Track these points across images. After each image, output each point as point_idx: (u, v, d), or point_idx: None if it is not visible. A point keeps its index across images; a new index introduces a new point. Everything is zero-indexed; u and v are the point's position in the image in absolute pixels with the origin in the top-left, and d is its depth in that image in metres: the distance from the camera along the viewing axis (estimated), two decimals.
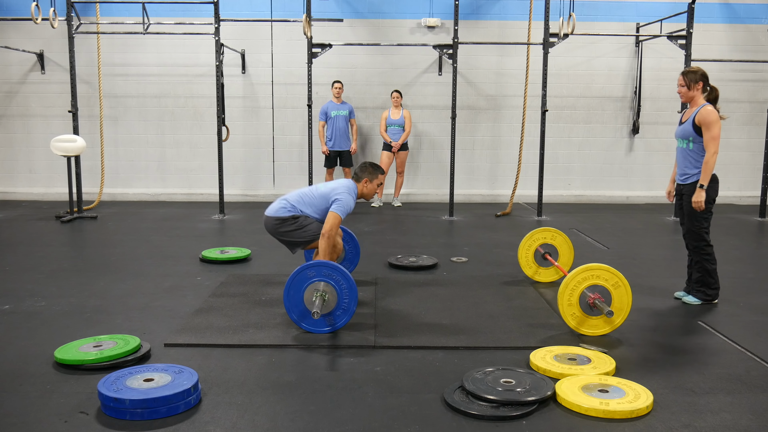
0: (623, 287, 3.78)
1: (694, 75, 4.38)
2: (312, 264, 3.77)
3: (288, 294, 3.77)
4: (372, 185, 4.55)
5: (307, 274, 3.75)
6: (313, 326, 3.78)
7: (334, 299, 3.75)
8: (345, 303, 3.76)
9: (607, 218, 8.30)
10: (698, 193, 4.30)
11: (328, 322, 3.77)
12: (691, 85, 4.39)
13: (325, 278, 3.74)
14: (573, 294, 3.77)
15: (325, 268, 3.76)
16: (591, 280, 3.78)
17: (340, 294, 3.75)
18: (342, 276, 3.75)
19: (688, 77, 4.40)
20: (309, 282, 3.74)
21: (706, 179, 4.29)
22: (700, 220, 4.37)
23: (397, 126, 8.86)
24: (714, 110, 4.29)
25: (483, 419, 2.76)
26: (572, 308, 3.79)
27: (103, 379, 2.91)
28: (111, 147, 9.42)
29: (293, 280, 3.75)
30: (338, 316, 3.78)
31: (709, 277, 4.43)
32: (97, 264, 5.66)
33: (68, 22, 7.83)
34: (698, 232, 4.39)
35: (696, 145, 4.33)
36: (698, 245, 4.41)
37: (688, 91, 4.40)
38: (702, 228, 4.38)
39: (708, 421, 2.78)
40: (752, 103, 9.51)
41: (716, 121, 4.25)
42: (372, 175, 4.54)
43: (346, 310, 3.77)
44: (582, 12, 8.72)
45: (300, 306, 3.76)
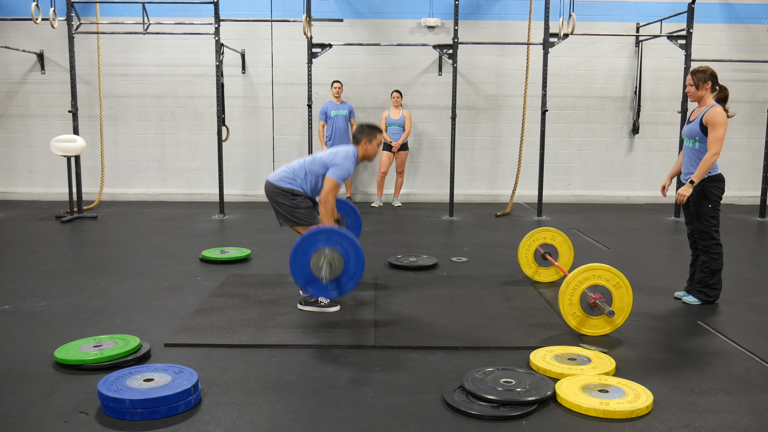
0: (624, 287, 3.78)
1: (702, 74, 4.35)
2: (319, 230, 3.74)
3: (294, 258, 3.72)
4: (372, 146, 4.37)
5: (314, 238, 3.71)
6: (319, 291, 3.76)
7: (341, 265, 3.72)
8: (352, 269, 3.73)
9: (607, 218, 8.30)
10: (686, 188, 4.31)
11: (335, 286, 3.74)
12: (700, 84, 4.36)
13: (332, 244, 3.71)
14: (574, 294, 3.78)
15: (332, 234, 3.73)
16: (592, 280, 3.78)
17: (347, 260, 3.72)
18: (349, 242, 3.71)
19: (696, 76, 4.37)
20: (316, 247, 3.71)
21: (699, 177, 4.29)
22: (708, 219, 4.37)
23: (397, 126, 8.86)
24: (722, 112, 4.27)
25: (483, 419, 2.76)
26: (573, 308, 3.79)
27: (103, 379, 2.91)
28: (111, 147, 9.42)
29: (300, 244, 3.70)
30: (345, 282, 3.75)
31: (711, 278, 4.43)
32: (97, 264, 5.66)
33: (68, 22, 7.83)
34: (708, 231, 4.39)
35: (702, 144, 4.33)
36: (708, 244, 4.41)
37: (696, 90, 4.38)
38: (711, 227, 4.38)
39: (708, 421, 2.78)
40: (752, 103, 9.51)
41: (723, 123, 4.23)
42: (370, 135, 4.36)
43: (353, 276, 3.74)
44: (582, 12, 8.72)
45: (306, 270, 3.73)
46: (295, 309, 4.24)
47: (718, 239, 4.41)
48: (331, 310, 4.19)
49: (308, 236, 3.73)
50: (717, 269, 4.42)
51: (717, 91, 4.40)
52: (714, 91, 4.39)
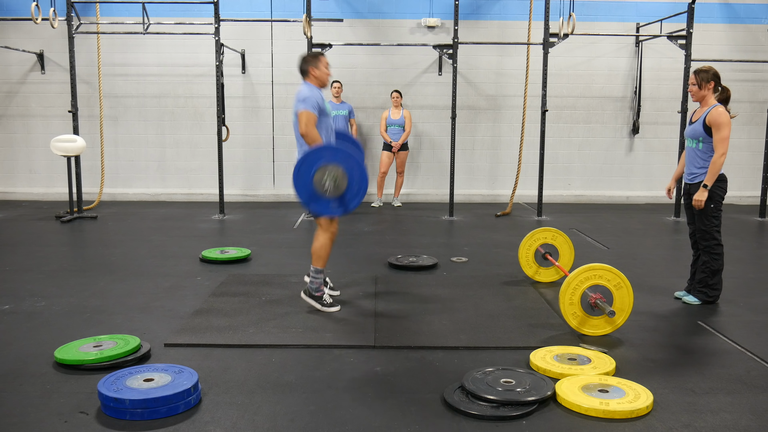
0: (625, 288, 3.78)
1: (705, 74, 4.35)
2: (323, 146, 3.69)
3: (298, 174, 3.67)
4: (320, 70, 4.16)
5: (318, 155, 3.66)
6: (323, 209, 3.71)
7: (345, 182, 3.68)
8: (356, 186, 3.69)
9: (607, 218, 8.30)
10: (701, 192, 4.30)
11: (340, 204, 3.71)
12: (703, 84, 4.35)
13: (336, 160, 3.67)
14: (575, 294, 3.78)
15: (336, 151, 3.68)
16: (593, 280, 3.78)
17: (351, 176, 3.68)
18: (352, 159, 3.68)
19: (699, 76, 4.36)
20: (319, 164, 3.66)
21: (711, 180, 4.29)
22: (710, 219, 4.37)
23: (397, 126, 8.86)
24: (725, 111, 4.28)
25: (483, 419, 2.76)
26: (574, 308, 3.79)
27: (103, 379, 2.91)
28: (111, 147, 9.42)
29: (304, 160, 3.66)
30: (349, 199, 3.72)
31: (712, 278, 4.43)
32: (97, 264, 5.66)
33: (68, 22, 7.83)
34: (709, 231, 4.39)
35: (705, 145, 4.33)
36: (709, 244, 4.41)
37: (699, 90, 4.37)
38: (713, 227, 4.38)
39: (708, 421, 2.78)
40: (752, 103, 9.51)
41: (727, 123, 4.24)
42: (314, 61, 4.18)
43: (357, 193, 3.70)
44: (582, 12, 8.72)
45: (309, 187, 3.68)
46: (295, 309, 4.24)
47: (719, 239, 4.41)
48: (331, 310, 4.18)
49: (312, 152, 3.66)
50: (718, 269, 4.42)
51: (719, 92, 4.39)
52: (716, 92, 4.38)
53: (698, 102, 4.44)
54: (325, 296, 4.22)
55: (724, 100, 4.40)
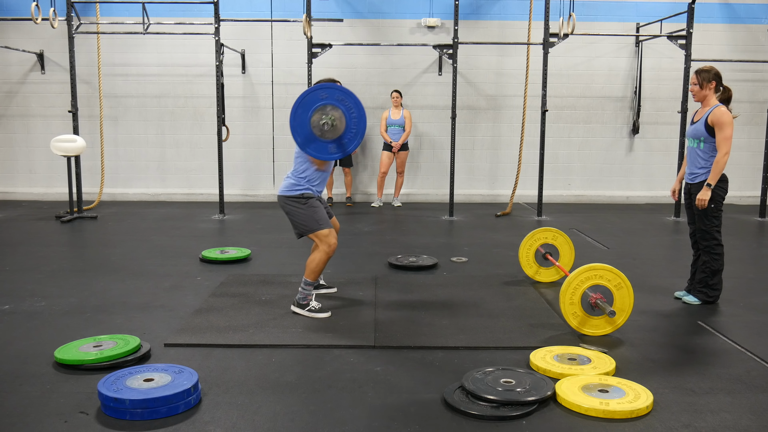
0: (625, 288, 3.78)
1: (707, 74, 4.35)
2: (322, 86, 3.64)
3: (295, 116, 3.62)
4: None
5: (317, 95, 3.60)
6: (320, 152, 3.64)
7: (343, 124, 3.63)
8: (354, 125, 3.63)
9: (607, 218, 8.30)
10: (704, 192, 4.30)
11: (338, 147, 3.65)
12: (704, 84, 4.35)
13: (334, 101, 3.62)
14: (575, 294, 3.78)
15: (335, 91, 3.62)
16: (593, 280, 3.78)
17: (348, 118, 3.63)
18: (351, 99, 3.63)
19: (701, 76, 4.36)
20: (318, 104, 3.61)
21: (714, 179, 4.28)
22: (710, 219, 4.37)
23: (398, 126, 8.86)
24: (727, 111, 4.27)
25: (483, 419, 2.76)
26: (574, 308, 3.79)
27: (103, 379, 2.91)
28: (111, 147, 9.42)
29: (301, 101, 3.61)
30: (347, 141, 3.66)
31: (712, 278, 4.42)
32: (97, 264, 5.66)
33: (68, 22, 7.83)
34: (709, 231, 4.39)
35: (707, 145, 4.33)
36: (709, 244, 4.40)
37: (700, 90, 4.37)
38: (713, 227, 4.38)
39: (708, 421, 2.78)
40: (752, 103, 9.51)
41: (729, 122, 4.23)
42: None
43: (356, 132, 3.64)
44: (582, 12, 8.72)
45: (306, 128, 3.62)
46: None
47: (719, 239, 4.41)
48: (321, 316, 4.09)
49: (309, 92, 3.61)
50: (718, 270, 4.41)
51: (721, 92, 4.39)
52: (718, 92, 4.38)
53: (700, 102, 4.44)
54: (312, 304, 4.14)
55: (726, 99, 4.39)
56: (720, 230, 4.41)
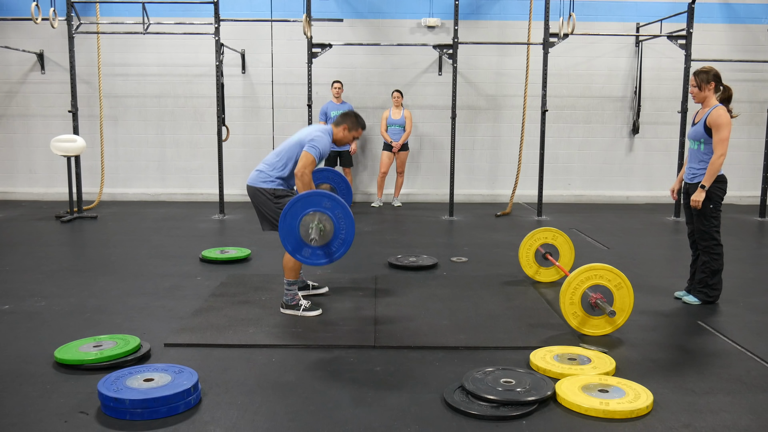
0: (626, 288, 3.78)
1: (706, 75, 4.33)
2: (308, 194, 3.69)
3: (283, 224, 3.67)
4: (348, 134, 4.29)
5: (303, 203, 3.65)
6: (309, 258, 3.69)
7: (331, 230, 3.67)
8: (342, 234, 3.67)
9: (607, 218, 8.29)
10: (698, 193, 4.30)
11: (325, 253, 3.70)
12: (703, 85, 4.34)
13: (321, 209, 3.66)
14: (575, 294, 3.78)
15: (321, 198, 3.67)
16: (593, 280, 3.78)
17: (337, 225, 3.66)
18: (340, 207, 3.67)
19: (699, 77, 4.35)
20: (305, 212, 3.65)
21: (709, 180, 4.28)
22: (709, 219, 4.36)
23: (398, 126, 8.86)
24: (725, 112, 4.26)
25: (483, 419, 2.76)
26: (574, 308, 3.79)
27: (103, 379, 2.91)
28: (111, 147, 9.42)
29: (289, 210, 3.65)
30: (335, 248, 3.70)
31: (712, 278, 4.42)
32: (97, 264, 5.66)
33: (68, 22, 7.83)
34: (708, 231, 4.38)
35: (707, 146, 4.32)
36: (708, 245, 4.40)
37: (699, 91, 4.36)
38: (712, 227, 4.38)
39: (708, 421, 2.78)
40: (752, 103, 9.50)
41: (727, 123, 4.22)
42: (353, 125, 4.30)
43: (344, 241, 3.69)
44: (582, 12, 8.72)
45: (296, 237, 3.67)
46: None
47: (718, 239, 4.40)
48: (313, 314, 4.09)
49: (298, 200, 3.65)
50: (717, 270, 4.41)
51: (721, 92, 4.38)
52: (718, 92, 4.37)
53: (700, 103, 4.43)
54: (301, 302, 4.14)
55: (726, 99, 4.38)
56: (719, 230, 4.41)
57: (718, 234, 4.40)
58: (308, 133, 4.22)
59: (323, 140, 4.11)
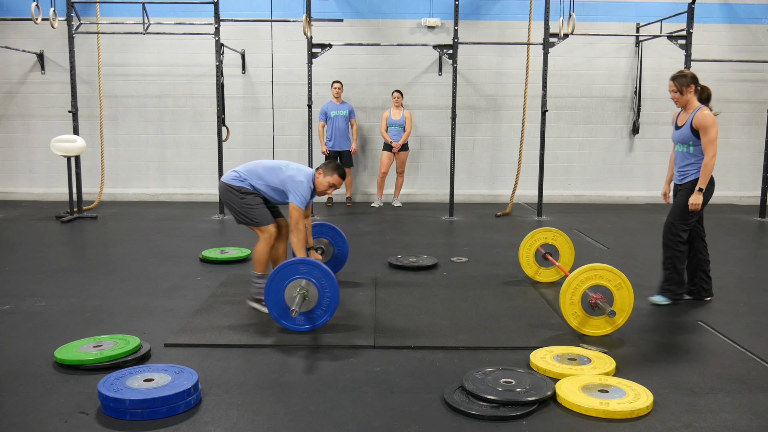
0: (626, 288, 3.78)
1: (684, 79, 4.33)
2: (292, 261, 3.75)
3: (268, 291, 3.75)
4: (323, 179, 4.24)
5: (287, 271, 3.73)
6: (292, 324, 3.76)
7: (315, 297, 3.73)
8: (326, 301, 3.74)
9: (607, 218, 8.29)
10: (696, 196, 4.29)
11: (308, 320, 3.75)
12: (684, 89, 4.34)
13: (305, 276, 3.72)
14: (575, 294, 3.78)
15: (305, 266, 3.74)
16: (593, 280, 3.78)
17: (321, 292, 3.73)
18: (323, 274, 3.72)
19: (678, 82, 4.35)
20: (290, 280, 3.72)
21: (704, 182, 4.28)
22: (685, 217, 4.36)
23: (398, 126, 8.86)
24: (710, 113, 4.27)
25: (483, 419, 2.76)
26: (574, 308, 3.79)
27: (103, 379, 2.91)
28: (111, 147, 9.42)
29: (274, 277, 3.73)
30: (318, 315, 3.76)
31: (678, 276, 4.42)
32: (97, 264, 5.66)
33: (68, 22, 7.82)
34: (677, 227, 4.39)
35: (696, 148, 4.32)
36: (673, 240, 4.40)
37: (681, 96, 4.36)
38: (683, 224, 4.38)
39: (708, 421, 2.78)
40: (752, 103, 9.51)
41: (713, 123, 4.22)
42: (329, 171, 4.26)
43: (327, 308, 3.75)
44: (582, 12, 8.72)
45: (281, 303, 3.74)
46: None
47: (683, 238, 4.40)
48: None
49: (280, 269, 3.73)
50: (681, 268, 4.41)
51: (699, 92, 4.38)
52: (696, 93, 4.36)
53: (682, 107, 4.42)
54: None
55: (706, 99, 4.38)
56: (686, 230, 4.40)
57: (685, 233, 4.40)
58: (292, 178, 4.18)
59: (303, 191, 4.14)
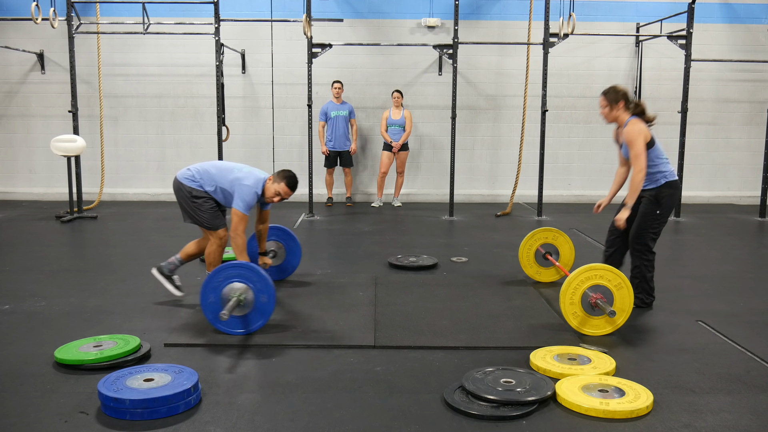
0: (626, 288, 3.78)
1: (615, 94, 4.23)
2: (229, 265, 3.75)
3: (204, 294, 3.74)
4: (271, 186, 4.31)
5: (222, 275, 3.73)
6: (226, 327, 3.73)
7: (251, 301, 3.72)
8: (261, 305, 3.72)
9: (607, 218, 8.24)
10: (623, 211, 4.24)
11: (242, 323, 3.74)
12: (612, 105, 4.24)
13: (241, 279, 3.72)
14: (575, 294, 3.78)
15: (241, 269, 3.73)
16: (594, 280, 3.78)
17: (256, 296, 3.71)
18: (258, 277, 3.71)
19: (608, 97, 4.25)
20: (225, 283, 3.72)
21: (632, 198, 4.19)
22: (651, 223, 4.24)
23: (398, 126, 8.86)
24: (636, 125, 4.14)
25: (483, 419, 2.76)
26: (574, 308, 3.79)
27: (103, 379, 2.91)
28: (111, 147, 9.42)
29: (209, 281, 3.73)
30: (253, 318, 3.74)
31: (646, 284, 4.34)
32: (97, 264, 5.66)
33: (68, 22, 7.82)
34: (643, 236, 4.27)
35: None
36: (641, 249, 4.29)
37: (610, 111, 4.26)
38: (649, 231, 4.26)
39: (708, 421, 2.78)
40: (752, 103, 9.51)
41: (637, 136, 4.10)
42: (279, 178, 4.32)
43: (263, 312, 3.73)
44: (582, 12, 8.72)
45: (216, 306, 3.72)
46: (295, 309, 4.24)
47: (651, 247, 4.28)
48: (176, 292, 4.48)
49: (215, 273, 3.73)
50: (650, 276, 4.32)
51: (633, 107, 4.25)
52: (629, 109, 4.25)
53: (614, 122, 4.33)
54: (175, 277, 4.51)
55: (641, 113, 4.24)
56: (655, 238, 4.28)
57: (653, 242, 4.28)
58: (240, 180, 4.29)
59: (251, 193, 4.23)
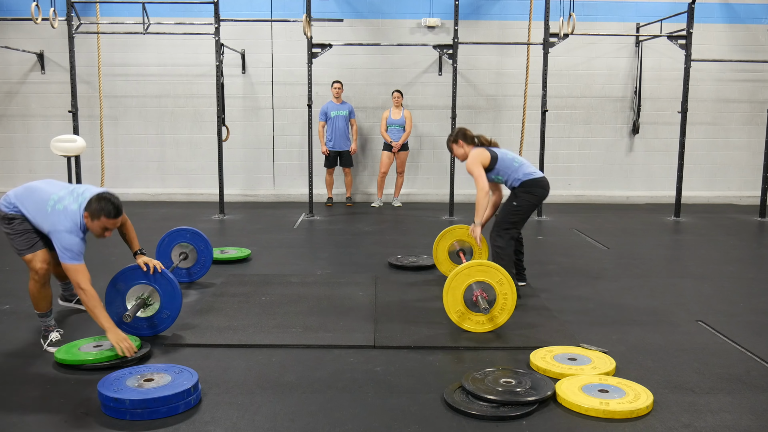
0: (508, 284, 3.75)
1: (453, 137, 4.67)
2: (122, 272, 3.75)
3: (109, 295, 3.73)
4: (93, 225, 3.60)
5: (129, 276, 3.73)
6: (131, 328, 3.69)
7: (157, 303, 3.71)
8: (168, 307, 3.71)
9: (607, 218, 8.29)
10: (474, 228, 4.56)
11: (149, 325, 3.72)
12: (454, 147, 4.66)
13: (147, 281, 3.71)
14: (457, 289, 3.76)
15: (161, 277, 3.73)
16: (476, 276, 3.76)
17: (163, 298, 3.70)
18: (166, 280, 3.71)
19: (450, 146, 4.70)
20: (132, 284, 3.72)
21: (478, 216, 4.52)
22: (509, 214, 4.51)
23: (398, 126, 8.86)
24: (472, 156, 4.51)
25: (483, 419, 2.76)
26: (457, 304, 3.78)
27: (103, 379, 2.91)
28: (111, 147, 9.42)
29: (116, 281, 3.74)
30: (161, 319, 3.72)
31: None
32: (97, 264, 5.64)
33: (68, 22, 7.82)
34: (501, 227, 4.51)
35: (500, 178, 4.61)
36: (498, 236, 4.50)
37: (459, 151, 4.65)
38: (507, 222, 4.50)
39: (708, 421, 2.78)
40: (752, 103, 9.51)
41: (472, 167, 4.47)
42: (95, 214, 3.54)
43: (170, 315, 3.72)
44: (582, 12, 8.71)
45: (122, 308, 3.71)
46: (295, 309, 4.24)
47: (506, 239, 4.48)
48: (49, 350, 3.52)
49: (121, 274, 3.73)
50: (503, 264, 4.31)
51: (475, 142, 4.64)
52: (473, 143, 4.63)
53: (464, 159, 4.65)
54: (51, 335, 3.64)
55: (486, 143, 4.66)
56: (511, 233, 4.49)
57: (508, 234, 4.48)
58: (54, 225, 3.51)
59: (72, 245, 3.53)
